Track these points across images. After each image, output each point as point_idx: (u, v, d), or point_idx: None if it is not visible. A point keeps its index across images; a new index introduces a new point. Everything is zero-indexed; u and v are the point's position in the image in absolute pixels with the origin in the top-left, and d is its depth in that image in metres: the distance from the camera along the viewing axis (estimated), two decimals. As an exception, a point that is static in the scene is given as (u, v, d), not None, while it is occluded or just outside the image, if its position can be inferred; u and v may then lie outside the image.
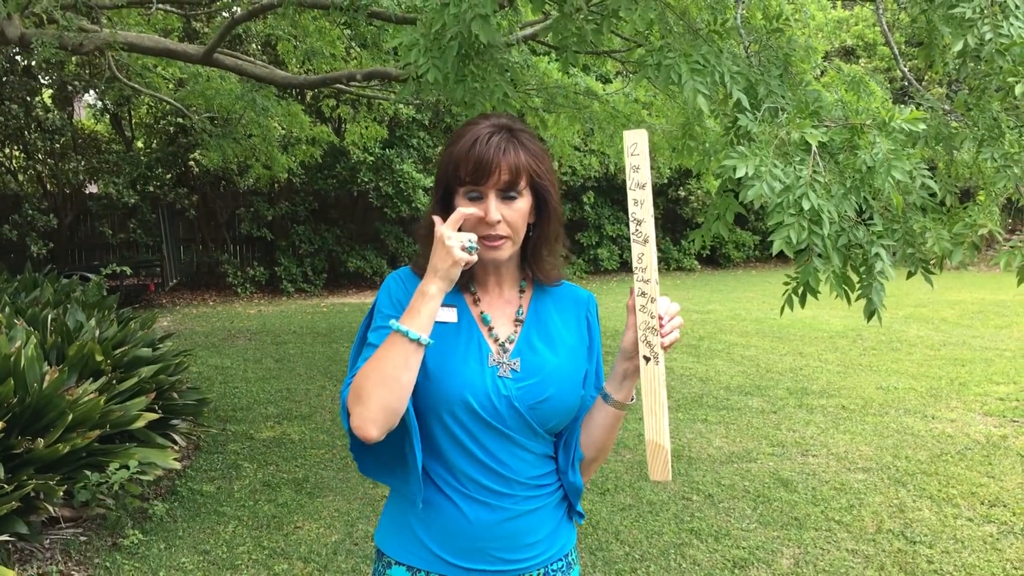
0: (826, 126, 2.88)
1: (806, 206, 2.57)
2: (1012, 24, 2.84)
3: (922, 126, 2.80)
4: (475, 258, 1.41)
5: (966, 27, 2.89)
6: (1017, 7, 2.88)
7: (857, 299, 2.97)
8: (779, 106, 2.97)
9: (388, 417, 1.44)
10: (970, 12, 2.87)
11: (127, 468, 4.11)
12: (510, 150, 1.52)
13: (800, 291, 2.89)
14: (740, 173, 2.59)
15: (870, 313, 2.97)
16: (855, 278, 2.94)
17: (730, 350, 9.22)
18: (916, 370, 8.02)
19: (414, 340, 1.42)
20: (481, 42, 3.21)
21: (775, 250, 2.69)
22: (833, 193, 2.68)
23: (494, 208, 1.51)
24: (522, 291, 1.67)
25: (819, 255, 2.73)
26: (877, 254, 2.82)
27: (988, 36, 2.83)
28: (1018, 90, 2.81)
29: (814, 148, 2.67)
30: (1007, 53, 2.85)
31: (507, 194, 1.52)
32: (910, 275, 3.06)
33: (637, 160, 1.50)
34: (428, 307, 1.43)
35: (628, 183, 1.50)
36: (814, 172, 2.67)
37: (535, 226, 1.62)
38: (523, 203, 1.55)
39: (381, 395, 1.43)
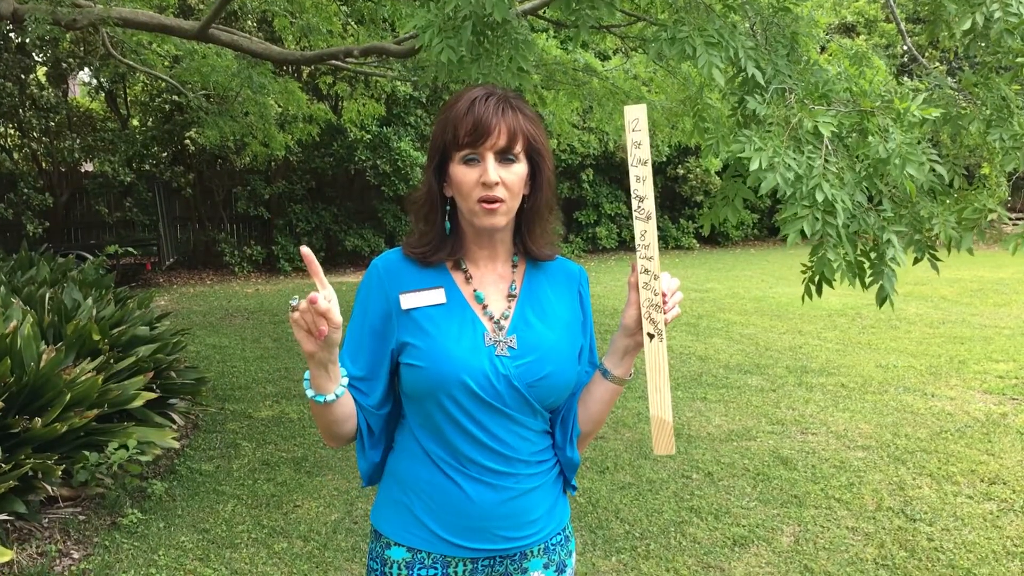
0: (836, 110, 2.84)
1: (820, 197, 2.55)
2: (1021, 3, 2.80)
3: (936, 113, 2.76)
4: (299, 313, 1.35)
5: (974, 5, 2.84)
6: None
7: (869, 285, 2.96)
8: (787, 87, 2.93)
9: (336, 439, 1.59)
10: None
11: (126, 448, 4.10)
12: (508, 112, 1.50)
13: (817, 280, 2.88)
14: (754, 165, 2.57)
15: (882, 299, 2.96)
16: (867, 264, 2.92)
17: (729, 328, 9.21)
18: (915, 348, 8.02)
19: (321, 403, 1.48)
20: (496, 19, 3.17)
21: (789, 244, 2.68)
22: (846, 181, 2.65)
23: (492, 168, 1.48)
24: (515, 266, 1.64)
25: (833, 245, 2.71)
26: (889, 240, 2.80)
27: (997, 15, 2.79)
28: None
29: (826, 137, 2.64)
30: (1016, 32, 2.81)
31: (505, 157, 1.50)
32: (916, 261, 3.04)
33: (639, 136, 1.46)
34: (313, 370, 1.44)
35: (629, 159, 1.47)
36: (826, 160, 2.64)
37: (528, 198, 1.59)
38: (520, 168, 1.52)
39: (321, 428, 1.57)
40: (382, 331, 1.56)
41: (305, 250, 1.35)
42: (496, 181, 1.47)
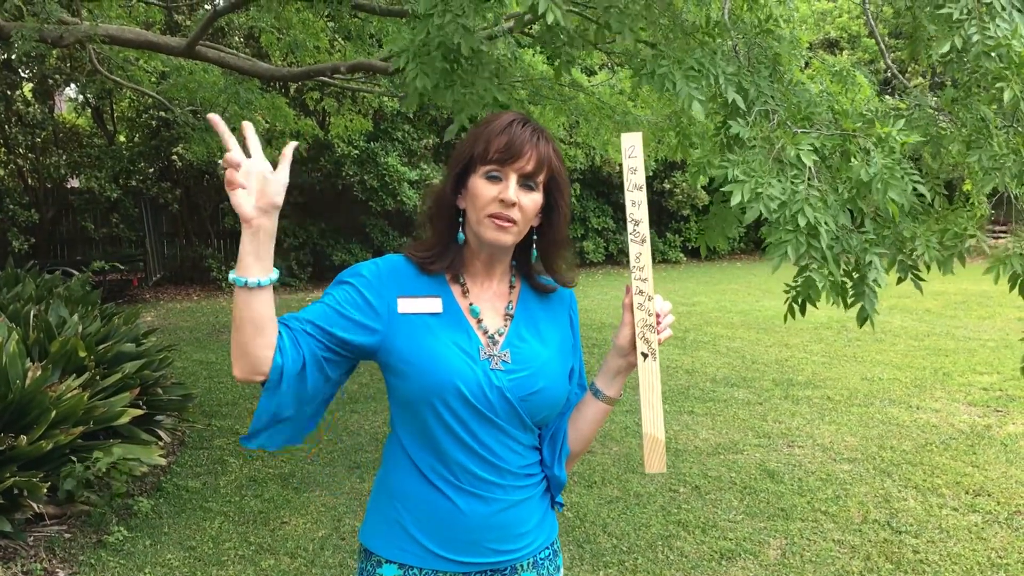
0: (818, 131, 2.88)
1: (802, 222, 2.59)
2: (999, 25, 2.85)
3: (916, 137, 2.81)
4: (240, 166, 1.32)
5: (953, 28, 2.89)
6: (1003, 8, 2.88)
7: (851, 305, 3.00)
8: (770, 108, 2.96)
9: (241, 357, 1.41)
10: (957, 13, 2.87)
11: (111, 456, 4.08)
12: (541, 142, 1.54)
13: (800, 300, 2.92)
14: (736, 200, 2.63)
15: (863, 319, 3.01)
16: (849, 284, 2.96)
17: (716, 342, 9.25)
18: (900, 360, 8.07)
19: (242, 285, 1.37)
20: (462, 52, 3.21)
21: (774, 269, 2.72)
22: (829, 204, 2.70)
23: (513, 188, 1.51)
24: (512, 286, 1.68)
25: (818, 267, 2.75)
26: (871, 262, 2.84)
27: (975, 38, 2.84)
28: (1006, 96, 2.82)
29: (808, 165, 2.68)
30: (993, 53, 2.86)
31: (526, 183, 1.54)
32: (900, 280, 3.08)
33: (634, 162, 1.54)
34: (248, 246, 1.36)
35: (626, 184, 1.54)
36: (810, 183, 2.68)
37: (542, 230, 1.63)
38: (538, 196, 1.56)
39: (235, 336, 1.41)
40: (364, 307, 1.54)
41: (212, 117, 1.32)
42: (514, 201, 1.51)
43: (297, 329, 1.49)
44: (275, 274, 1.39)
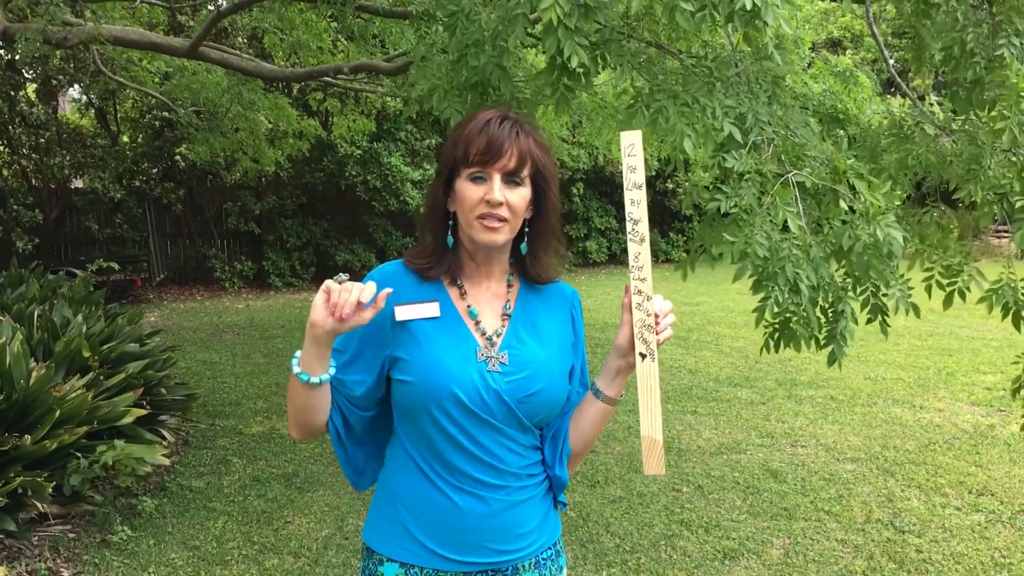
0: (811, 168, 2.89)
1: (781, 281, 2.66)
2: (1007, 75, 2.91)
3: (897, 203, 2.85)
4: (340, 288, 1.44)
5: (963, 57, 2.94)
6: (1014, 54, 2.92)
7: (823, 346, 3.04)
8: (765, 137, 2.97)
9: (301, 427, 1.60)
10: (971, 75, 2.92)
11: (114, 448, 4.09)
12: (520, 136, 1.54)
13: (777, 340, 2.99)
14: (727, 261, 2.74)
15: (832, 361, 3.07)
16: (823, 320, 3.01)
17: (719, 342, 9.24)
18: (904, 360, 8.06)
19: (304, 382, 1.50)
20: (501, 91, 3.30)
21: (756, 323, 2.90)
22: (812, 257, 2.74)
23: (498, 188, 1.51)
24: (510, 285, 1.67)
25: (800, 320, 2.82)
26: (843, 311, 2.90)
27: (987, 82, 2.90)
28: (1005, 139, 2.85)
29: (794, 231, 2.72)
30: (1007, 90, 2.90)
31: (511, 179, 1.53)
32: (869, 321, 3.14)
33: (634, 160, 1.52)
34: (309, 350, 1.47)
35: (625, 183, 1.52)
36: (795, 240, 2.73)
37: (531, 222, 1.63)
38: (525, 191, 1.56)
39: (292, 411, 1.58)
40: (375, 337, 1.58)
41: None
42: (501, 200, 1.51)
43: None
44: (333, 370, 1.53)
